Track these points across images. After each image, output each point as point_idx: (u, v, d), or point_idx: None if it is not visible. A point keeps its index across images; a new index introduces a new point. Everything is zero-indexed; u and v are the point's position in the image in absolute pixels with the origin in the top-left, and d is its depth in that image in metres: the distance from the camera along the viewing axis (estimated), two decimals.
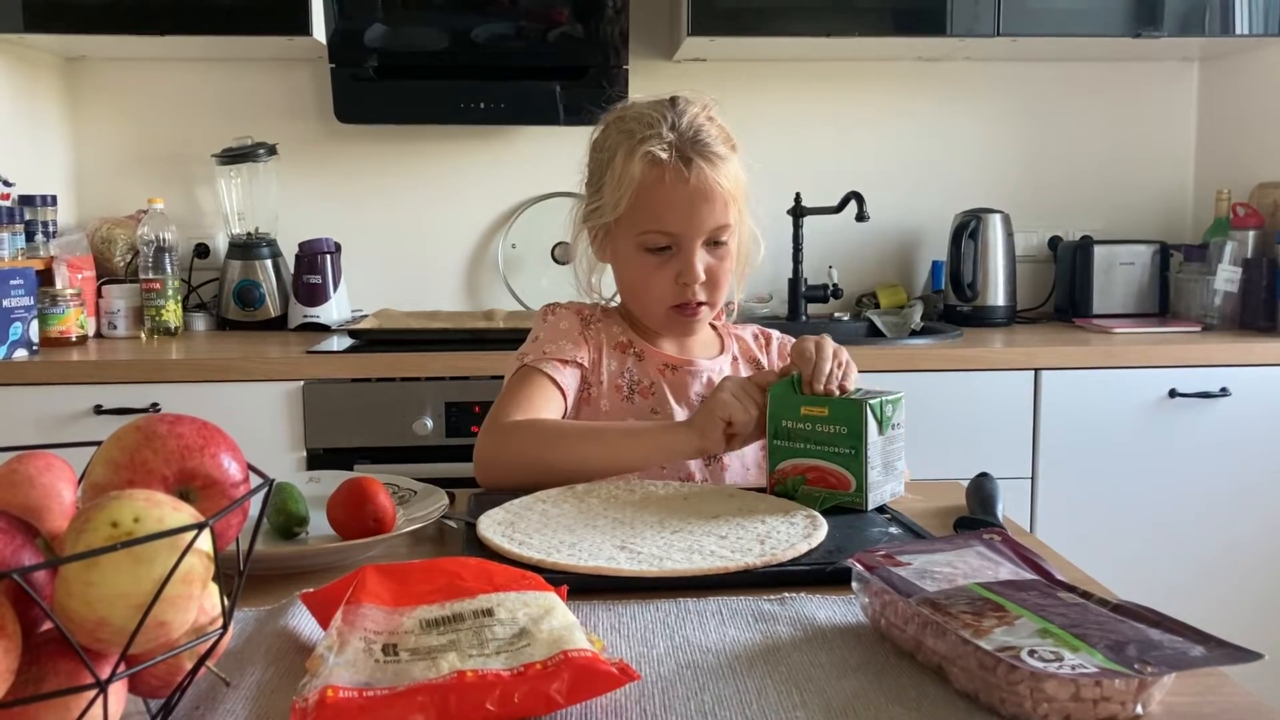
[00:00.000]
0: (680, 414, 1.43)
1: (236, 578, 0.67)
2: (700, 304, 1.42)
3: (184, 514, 0.62)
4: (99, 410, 2.18)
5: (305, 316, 2.66)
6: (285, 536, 1.07)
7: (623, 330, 1.50)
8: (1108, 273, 2.77)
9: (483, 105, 2.61)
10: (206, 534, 0.61)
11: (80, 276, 2.49)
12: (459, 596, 0.77)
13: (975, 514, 1.15)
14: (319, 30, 2.49)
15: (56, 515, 0.68)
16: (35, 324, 2.31)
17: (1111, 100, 2.95)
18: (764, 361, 1.55)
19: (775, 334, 1.60)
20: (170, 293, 2.56)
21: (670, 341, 1.49)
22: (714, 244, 1.40)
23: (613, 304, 1.56)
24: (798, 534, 1.01)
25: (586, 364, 1.45)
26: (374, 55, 2.56)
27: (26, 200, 2.49)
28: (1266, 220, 2.62)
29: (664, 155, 1.36)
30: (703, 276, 1.39)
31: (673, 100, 1.41)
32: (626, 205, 1.39)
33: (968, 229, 2.72)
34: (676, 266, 1.39)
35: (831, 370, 1.20)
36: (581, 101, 2.62)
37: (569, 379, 1.42)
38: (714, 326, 1.56)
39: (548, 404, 1.39)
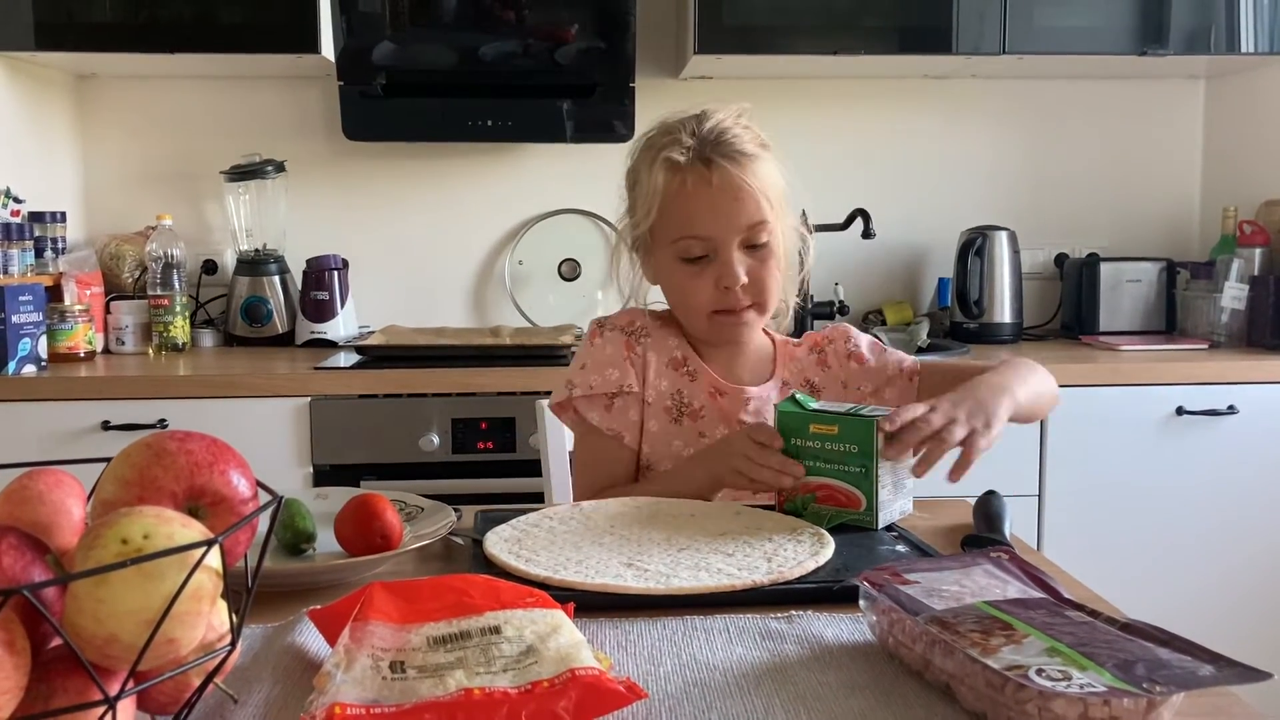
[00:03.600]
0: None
1: (245, 594, 0.67)
2: (746, 308, 1.38)
3: (193, 531, 0.63)
4: (106, 426, 2.18)
5: (312, 333, 2.66)
6: (293, 553, 1.07)
7: (679, 344, 1.46)
8: (1114, 290, 2.77)
9: (490, 123, 2.62)
10: (216, 551, 0.61)
11: (89, 292, 2.50)
12: (466, 614, 0.77)
13: (982, 532, 1.14)
14: (327, 48, 2.51)
15: (66, 532, 0.69)
16: (44, 340, 2.32)
17: (1117, 118, 2.95)
18: (819, 378, 1.49)
19: (830, 329, 1.52)
20: (178, 309, 2.57)
21: (720, 360, 1.45)
22: (753, 247, 1.37)
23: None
24: (805, 552, 1.01)
25: (636, 388, 1.41)
26: (382, 73, 2.57)
27: (36, 217, 2.50)
28: (1273, 238, 2.62)
29: (681, 159, 1.35)
30: (744, 279, 1.35)
31: (701, 113, 1.40)
32: (656, 216, 1.37)
33: (974, 246, 2.72)
34: (715, 272, 1.36)
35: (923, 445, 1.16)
36: (588, 119, 2.64)
37: (621, 419, 1.41)
38: (772, 341, 1.52)
39: (614, 468, 1.40)
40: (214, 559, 0.62)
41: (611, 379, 1.41)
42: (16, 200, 2.47)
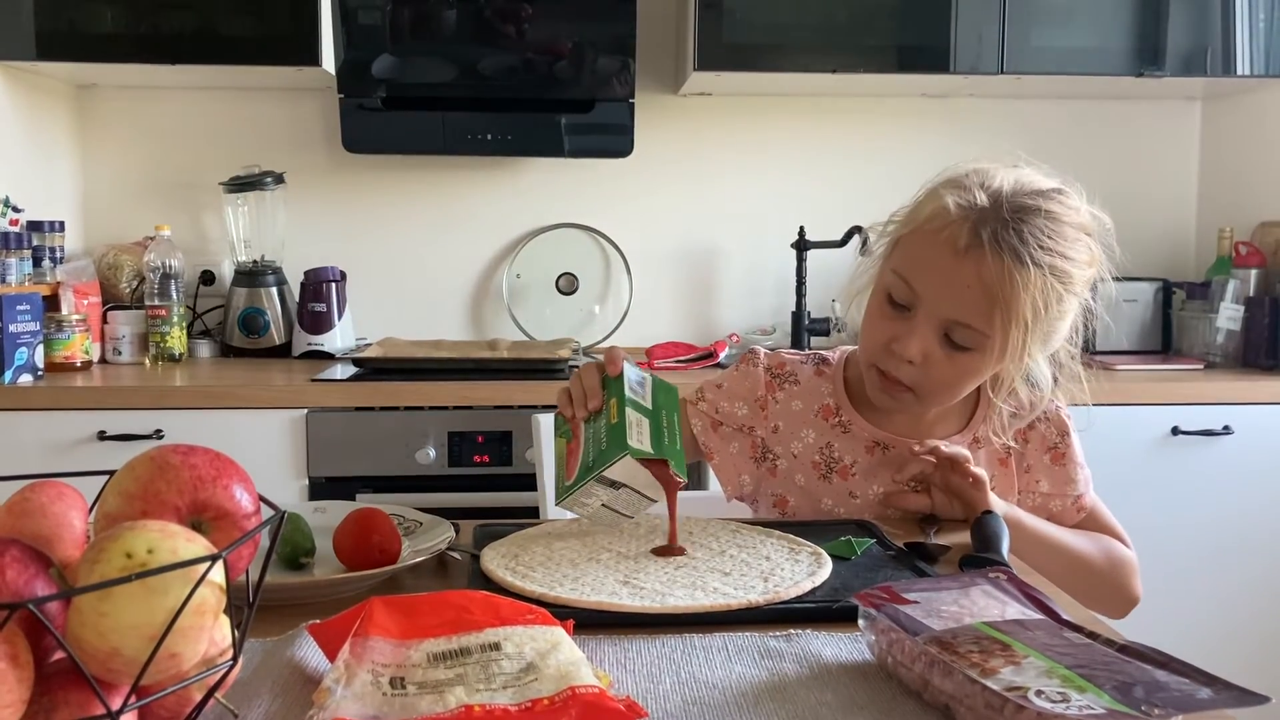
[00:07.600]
0: (876, 497, 1.32)
1: (246, 609, 0.68)
2: (902, 385, 1.25)
3: (197, 545, 0.63)
4: (103, 436, 2.18)
5: (309, 344, 2.66)
6: (291, 567, 1.07)
7: (832, 392, 1.36)
8: (1110, 310, 2.75)
9: (489, 136, 2.63)
10: (219, 566, 0.61)
11: (86, 302, 2.50)
12: (466, 630, 0.77)
13: (980, 552, 1.14)
14: (328, 61, 2.52)
15: (68, 544, 0.69)
16: (41, 349, 2.32)
17: (1114, 138, 2.97)
18: (1014, 445, 1.35)
19: (1057, 410, 1.38)
20: (175, 319, 2.57)
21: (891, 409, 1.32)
22: (953, 343, 1.22)
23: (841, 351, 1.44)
24: (802, 572, 1.01)
25: (761, 433, 1.37)
26: (382, 86, 2.58)
27: (35, 226, 2.51)
28: (1269, 259, 2.64)
29: (954, 210, 1.20)
30: (914, 358, 1.21)
31: (1017, 169, 1.29)
32: (903, 235, 1.26)
33: None
34: (900, 331, 1.23)
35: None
36: (587, 134, 2.65)
37: (722, 444, 1.39)
38: (979, 389, 1.34)
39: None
40: (217, 574, 0.62)
41: (737, 411, 1.38)
42: (15, 209, 2.47)
